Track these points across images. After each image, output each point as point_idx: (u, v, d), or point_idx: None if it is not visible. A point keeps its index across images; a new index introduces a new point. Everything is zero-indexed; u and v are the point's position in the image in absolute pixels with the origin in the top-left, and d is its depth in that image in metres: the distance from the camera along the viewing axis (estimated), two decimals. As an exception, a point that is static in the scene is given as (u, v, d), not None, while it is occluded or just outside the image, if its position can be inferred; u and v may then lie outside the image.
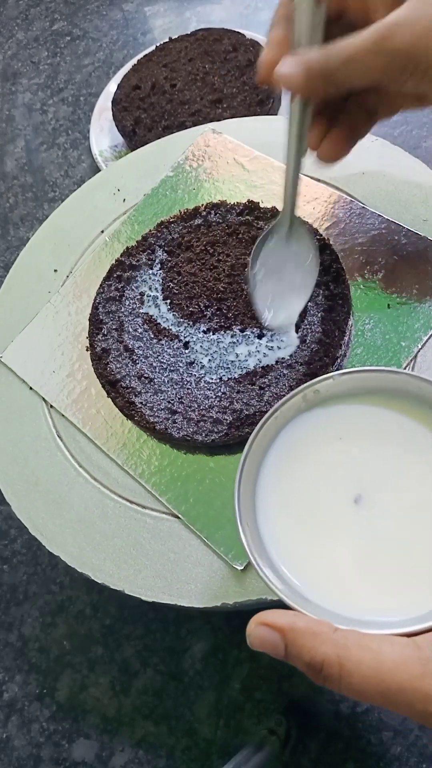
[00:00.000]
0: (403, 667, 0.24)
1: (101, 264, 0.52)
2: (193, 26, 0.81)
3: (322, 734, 0.44)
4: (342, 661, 0.25)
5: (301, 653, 0.26)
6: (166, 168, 0.56)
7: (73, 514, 0.44)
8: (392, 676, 0.24)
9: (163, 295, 0.49)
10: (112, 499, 0.44)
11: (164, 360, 0.46)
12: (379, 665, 0.25)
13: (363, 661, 0.25)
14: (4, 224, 0.73)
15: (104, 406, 0.46)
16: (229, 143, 0.55)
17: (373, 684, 0.25)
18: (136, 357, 0.47)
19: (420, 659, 0.24)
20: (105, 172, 0.59)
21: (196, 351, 0.46)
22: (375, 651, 0.25)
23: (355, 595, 0.30)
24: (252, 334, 0.45)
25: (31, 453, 0.47)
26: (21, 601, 0.53)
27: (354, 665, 0.25)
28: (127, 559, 0.41)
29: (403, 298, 0.45)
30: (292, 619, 0.27)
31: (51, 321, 0.51)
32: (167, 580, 0.40)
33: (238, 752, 0.42)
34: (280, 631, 0.27)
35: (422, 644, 0.25)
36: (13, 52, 0.88)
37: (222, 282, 0.48)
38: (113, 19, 0.87)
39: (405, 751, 0.42)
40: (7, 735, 0.48)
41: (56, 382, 0.48)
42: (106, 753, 0.46)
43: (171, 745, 0.46)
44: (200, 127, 0.57)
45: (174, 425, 0.43)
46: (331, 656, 0.25)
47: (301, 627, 0.27)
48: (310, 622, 0.27)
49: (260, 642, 0.27)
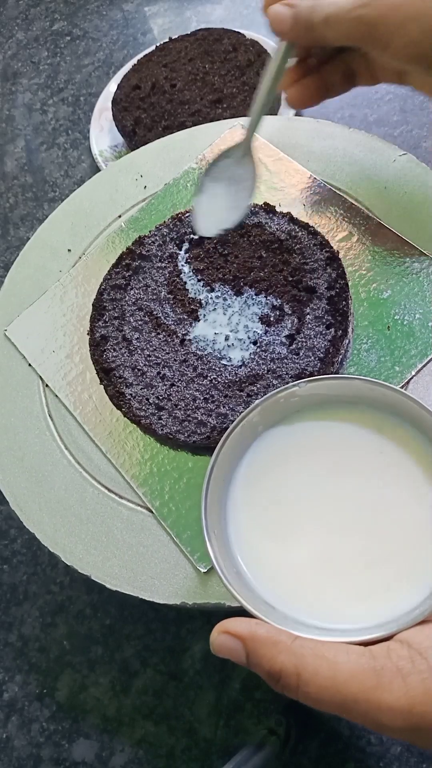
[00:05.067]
0: (357, 677, 0.25)
1: (113, 249, 0.52)
2: (193, 26, 0.81)
3: (322, 734, 0.44)
4: (299, 671, 0.25)
5: (261, 662, 0.26)
6: (190, 159, 0.55)
7: (53, 494, 0.44)
8: (347, 686, 0.25)
9: (167, 289, 0.49)
10: (91, 485, 0.44)
11: (159, 355, 0.46)
12: (335, 675, 0.25)
13: (319, 672, 0.25)
14: (4, 224, 0.73)
15: (96, 393, 0.47)
16: (255, 141, 0.54)
17: (328, 694, 0.25)
18: (132, 348, 0.47)
19: (374, 670, 0.25)
20: (130, 156, 0.58)
21: (192, 349, 0.46)
22: (331, 661, 0.25)
23: (319, 603, 0.31)
24: (248, 339, 0.45)
25: (21, 428, 0.47)
26: (21, 601, 0.53)
27: (310, 675, 0.25)
28: (98, 545, 0.42)
29: (405, 322, 0.44)
30: (253, 628, 0.27)
31: (58, 300, 0.52)
32: (133, 571, 0.41)
33: (238, 752, 0.42)
34: (241, 639, 0.27)
35: (377, 654, 0.25)
36: (13, 52, 0.88)
37: (227, 283, 0.48)
38: (113, 19, 0.87)
39: (405, 751, 0.42)
40: (7, 735, 0.48)
41: (54, 362, 0.49)
42: (106, 753, 0.46)
43: (171, 745, 0.46)
44: (230, 121, 0.57)
45: (159, 421, 0.44)
46: (289, 666, 0.26)
47: (261, 636, 0.27)
48: (271, 631, 0.27)
49: (223, 650, 0.28)
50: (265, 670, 0.26)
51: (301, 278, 0.47)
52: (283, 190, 0.52)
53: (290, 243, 0.48)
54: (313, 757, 0.43)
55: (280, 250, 0.48)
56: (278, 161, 0.53)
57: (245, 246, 0.49)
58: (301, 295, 0.46)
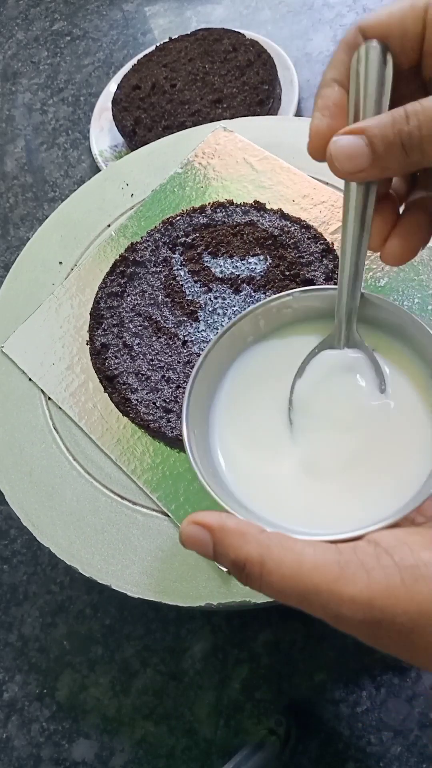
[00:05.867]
0: (321, 568, 0.25)
1: (106, 258, 0.52)
2: (193, 26, 0.81)
3: (322, 734, 0.44)
4: (264, 560, 0.25)
5: (227, 551, 0.27)
6: (175, 164, 0.56)
7: (64, 506, 0.44)
8: (310, 577, 0.25)
9: (164, 293, 0.49)
10: (103, 494, 0.44)
11: (162, 358, 0.46)
12: (299, 566, 0.25)
13: (284, 562, 0.25)
14: (4, 224, 0.73)
15: (101, 401, 0.47)
16: (240, 142, 0.55)
17: (290, 584, 0.25)
18: (134, 353, 0.47)
19: (338, 563, 0.25)
20: (115, 165, 0.59)
21: (194, 351, 0.46)
22: (296, 553, 0.25)
23: (295, 510, 0.31)
24: None
25: (26, 443, 0.47)
26: (21, 601, 0.53)
27: (275, 565, 0.25)
28: (115, 554, 0.42)
29: (404, 307, 0.44)
30: (222, 519, 0.27)
31: (53, 313, 0.51)
32: (154, 577, 0.41)
33: (238, 752, 0.42)
34: (209, 529, 0.27)
35: (344, 549, 0.25)
36: (13, 52, 0.88)
37: (224, 283, 0.48)
38: (113, 19, 0.87)
39: (405, 751, 0.42)
40: (7, 735, 0.48)
41: (55, 374, 0.49)
42: (106, 753, 0.46)
43: (171, 745, 0.46)
44: (212, 125, 0.57)
45: (168, 424, 0.43)
46: (254, 555, 0.26)
47: (229, 527, 0.27)
48: (240, 523, 0.27)
49: (190, 540, 0.28)
50: (230, 559, 0.26)
51: (298, 272, 0.47)
52: (272, 188, 0.52)
53: (284, 238, 0.48)
54: (313, 757, 0.43)
55: (275, 246, 0.48)
56: (264, 160, 0.53)
57: (239, 245, 0.49)
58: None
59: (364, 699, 0.44)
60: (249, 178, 0.53)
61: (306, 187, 0.51)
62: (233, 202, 0.51)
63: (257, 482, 0.33)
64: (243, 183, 0.53)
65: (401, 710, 0.43)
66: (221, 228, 0.50)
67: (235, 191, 0.53)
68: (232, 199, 0.51)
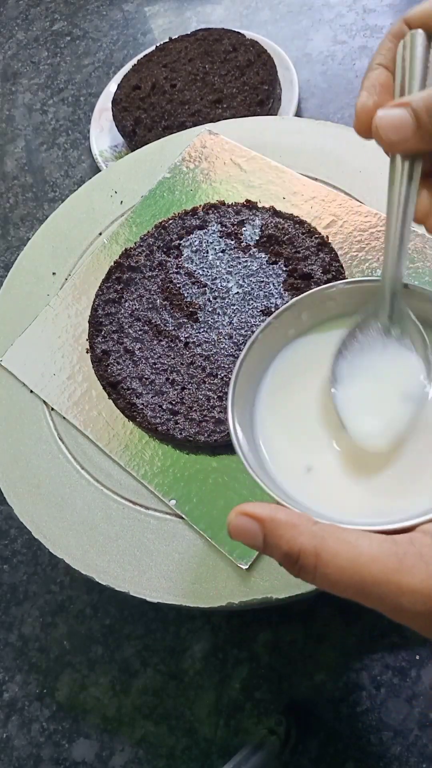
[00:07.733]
0: (379, 560, 0.24)
1: (100, 266, 0.52)
2: (193, 26, 0.81)
3: (322, 734, 0.44)
4: (318, 552, 0.25)
5: (279, 543, 0.26)
6: (163, 169, 0.56)
7: (75, 516, 0.44)
8: (368, 568, 0.24)
9: (162, 296, 0.49)
10: (115, 501, 0.44)
11: (165, 361, 0.46)
12: (356, 558, 0.25)
13: (339, 553, 0.25)
14: (4, 224, 0.73)
15: (105, 408, 0.46)
16: (226, 144, 0.55)
17: (347, 576, 0.25)
18: (136, 358, 0.47)
19: (396, 554, 0.24)
20: (102, 174, 0.59)
21: (197, 352, 0.46)
22: (352, 544, 0.25)
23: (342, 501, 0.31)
24: (251, 334, 0.45)
25: (32, 456, 0.47)
26: (21, 601, 0.53)
27: (330, 556, 0.25)
28: (131, 560, 0.41)
29: None
30: (272, 511, 0.27)
31: (50, 324, 0.51)
32: (172, 580, 0.40)
33: (238, 752, 0.42)
34: (259, 521, 0.27)
35: (400, 541, 0.25)
36: (13, 52, 0.88)
37: (222, 281, 0.48)
38: (113, 19, 0.87)
39: (405, 751, 0.42)
40: (7, 735, 0.48)
41: (57, 384, 0.48)
42: (106, 753, 0.46)
43: (171, 745, 0.46)
44: (197, 128, 0.57)
45: (176, 426, 0.43)
46: (308, 547, 0.25)
47: (280, 518, 0.27)
48: (291, 515, 0.27)
49: (239, 531, 0.27)
50: (283, 551, 0.26)
51: (296, 267, 0.47)
52: (261, 186, 0.52)
53: (278, 235, 0.48)
54: (313, 757, 0.43)
55: (270, 243, 0.48)
56: (251, 160, 0.53)
57: (233, 245, 0.49)
58: (299, 283, 0.46)
59: (364, 699, 0.44)
60: (238, 178, 0.53)
61: (296, 184, 0.51)
62: (225, 203, 0.51)
63: (302, 474, 0.33)
64: (232, 183, 0.53)
65: (401, 710, 0.43)
66: (215, 228, 0.50)
67: (225, 192, 0.53)
68: (223, 200, 0.52)
